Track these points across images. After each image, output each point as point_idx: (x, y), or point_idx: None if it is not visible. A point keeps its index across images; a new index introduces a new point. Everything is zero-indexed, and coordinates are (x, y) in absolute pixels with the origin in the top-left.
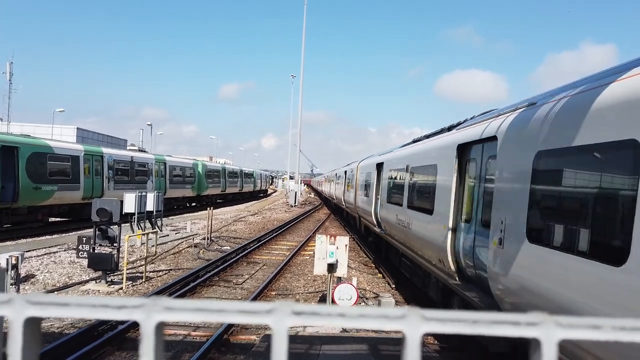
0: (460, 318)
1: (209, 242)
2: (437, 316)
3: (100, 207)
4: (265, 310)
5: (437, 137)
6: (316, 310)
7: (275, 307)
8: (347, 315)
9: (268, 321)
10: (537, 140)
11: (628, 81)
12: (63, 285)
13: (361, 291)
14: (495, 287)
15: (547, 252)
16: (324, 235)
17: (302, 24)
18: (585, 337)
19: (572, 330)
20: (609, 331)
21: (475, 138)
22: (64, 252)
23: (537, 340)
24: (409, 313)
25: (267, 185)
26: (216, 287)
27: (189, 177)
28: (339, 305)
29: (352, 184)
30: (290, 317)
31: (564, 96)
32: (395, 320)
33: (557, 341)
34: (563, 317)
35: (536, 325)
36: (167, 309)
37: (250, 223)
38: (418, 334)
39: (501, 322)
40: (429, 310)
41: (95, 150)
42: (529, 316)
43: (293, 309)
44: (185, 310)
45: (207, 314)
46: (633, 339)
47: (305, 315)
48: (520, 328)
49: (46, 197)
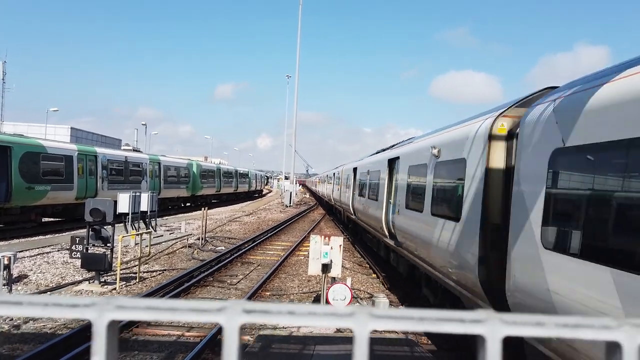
0: (407, 316)
1: (204, 242)
2: (386, 314)
3: (93, 207)
4: (216, 309)
5: (382, 153)
6: (267, 308)
7: (226, 306)
8: (297, 313)
9: (219, 319)
10: (412, 160)
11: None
12: (56, 285)
13: (355, 291)
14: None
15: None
16: (318, 236)
17: (298, 24)
18: (529, 334)
19: (516, 327)
20: (552, 328)
21: (393, 157)
22: (57, 252)
23: (482, 337)
24: (357, 311)
25: (262, 185)
26: (210, 288)
27: (183, 177)
28: (333, 305)
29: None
30: (241, 316)
31: (426, 136)
32: (344, 318)
33: (502, 338)
34: (508, 315)
35: (481, 323)
36: (119, 308)
37: (245, 223)
38: (366, 331)
39: (447, 320)
40: (377, 309)
41: (89, 150)
42: (475, 314)
43: (244, 307)
44: (137, 309)
45: (158, 313)
46: (575, 335)
47: (256, 314)
48: (465, 325)
49: (39, 197)
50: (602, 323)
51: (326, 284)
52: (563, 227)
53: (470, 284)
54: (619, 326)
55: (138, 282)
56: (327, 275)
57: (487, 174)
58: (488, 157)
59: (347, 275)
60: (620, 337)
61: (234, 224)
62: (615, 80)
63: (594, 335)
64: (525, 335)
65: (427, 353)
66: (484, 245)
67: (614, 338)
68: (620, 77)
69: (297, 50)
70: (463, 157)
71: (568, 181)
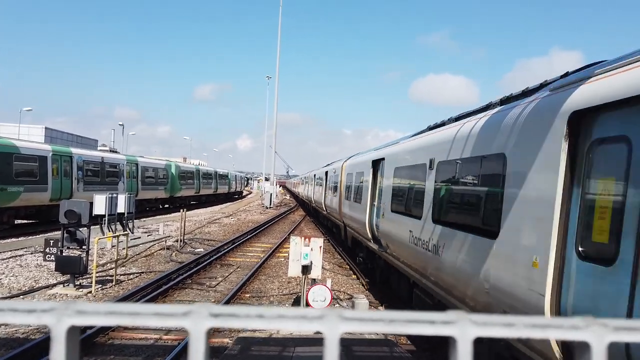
0: (378, 317)
1: (182, 244)
2: (356, 316)
3: (68, 209)
4: (181, 313)
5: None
6: (235, 312)
7: (192, 310)
8: (266, 317)
9: (184, 324)
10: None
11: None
12: (29, 289)
13: (335, 293)
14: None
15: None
16: (298, 237)
17: (278, 25)
18: (499, 334)
19: (486, 328)
20: (522, 328)
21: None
22: (30, 255)
23: (453, 339)
24: (327, 313)
25: (242, 186)
26: (189, 290)
27: (161, 179)
28: (313, 307)
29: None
30: (208, 320)
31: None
32: (313, 321)
33: (472, 339)
34: (478, 316)
35: (451, 324)
36: (78, 313)
37: (225, 225)
38: (336, 334)
39: (417, 321)
40: (347, 310)
41: (64, 150)
42: (445, 315)
43: (210, 311)
44: (98, 313)
45: (120, 318)
46: (545, 335)
47: (223, 317)
48: (436, 326)
49: (12, 198)
50: (571, 323)
51: (306, 286)
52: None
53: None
54: (587, 326)
55: (114, 285)
56: (307, 276)
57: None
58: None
59: (328, 277)
60: (589, 337)
61: (213, 226)
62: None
63: (563, 335)
64: (495, 336)
65: (406, 353)
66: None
67: (582, 338)
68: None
69: (277, 51)
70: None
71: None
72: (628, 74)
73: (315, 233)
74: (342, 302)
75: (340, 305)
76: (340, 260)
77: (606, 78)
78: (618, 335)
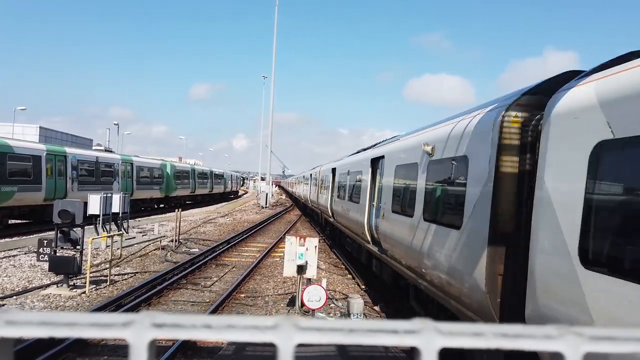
0: (336, 327)
1: (177, 244)
2: (313, 325)
3: (62, 209)
4: (121, 323)
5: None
6: (179, 321)
7: (133, 320)
8: (214, 327)
9: (125, 335)
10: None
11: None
12: (22, 289)
13: (331, 292)
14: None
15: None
16: (293, 237)
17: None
18: (467, 345)
19: (453, 338)
20: (491, 338)
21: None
22: (24, 255)
23: (417, 350)
24: (281, 323)
25: (237, 186)
26: (184, 290)
27: (157, 178)
28: (309, 306)
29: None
30: (150, 330)
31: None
32: (266, 331)
33: (438, 349)
34: (444, 324)
35: (415, 333)
36: (8, 323)
37: (220, 225)
38: (291, 345)
39: (379, 331)
40: (303, 319)
41: (59, 150)
42: (409, 323)
43: (153, 320)
44: (30, 324)
45: (54, 329)
46: (515, 345)
47: (167, 328)
48: (399, 336)
49: (5, 198)
50: (544, 332)
51: (301, 286)
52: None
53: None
54: (561, 335)
55: (109, 285)
56: (302, 276)
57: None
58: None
59: (323, 277)
60: (563, 347)
61: (208, 226)
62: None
63: (536, 346)
64: (463, 346)
65: (401, 353)
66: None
67: (556, 348)
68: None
69: (273, 51)
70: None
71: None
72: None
73: (311, 233)
74: (338, 302)
75: (335, 305)
76: (336, 260)
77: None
78: (594, 345)
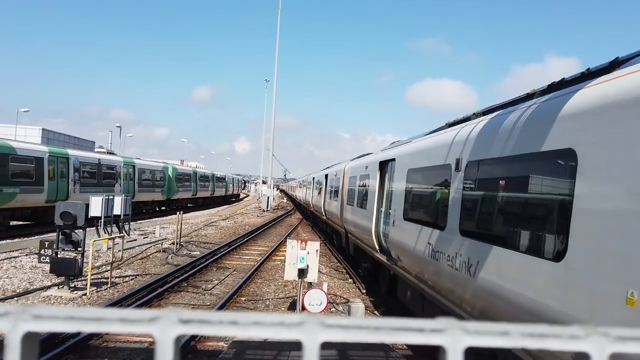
0: (362, 325)
1: (178, 247)
2: (338, 323)
3: (64, 211)
4: (147, 319)
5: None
6: (206, 318)
7: (159, 315)
8: (240, 323)
9: (151, 330)
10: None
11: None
12: (23, 291)
13: (331, 297)
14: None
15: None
16: (294, 241)
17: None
18: (492, 344)
19: (479, 337)
20: (517, 338)
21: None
22: (25, 256)
23: (443, 349)
24: (307, 320)
25: (239, 189)
26: (184, 293)
27: (158, 181)
28: (309, 310)
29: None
30: (177, 326)
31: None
32: (292, 328)
33: (464, 348)
34: (470, 323)
35: (441, 332)
36: (35, 317)
37: (222, 228)
38: (316, 342)
39: (405, 329)
40: (329, 317)
41: (61, 151)
42: (435, 322)
43: (180, 316)
44: (57, 318)
45: (81, 323)
46: (541, 345)
47: (194, 324)
48: (425, 335)
49: (7, 199)
50: (570, 332)
51: (302, 289)
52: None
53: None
54: (587, 335)
55: (109, 288)
56: (303, 280)
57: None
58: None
59: (324, 281)
60: (589, 348)
61: (210, 229)
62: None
63: (562, 346)
64: (489, 345)
65: (402, 358)
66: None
67: (582, 348)
68: None
69: (275, 55)
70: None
71: None
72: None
73: (312, 237)
74: (339, 307)
75: (336, 309)
76: (337, 264)
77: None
78: (621, 346)
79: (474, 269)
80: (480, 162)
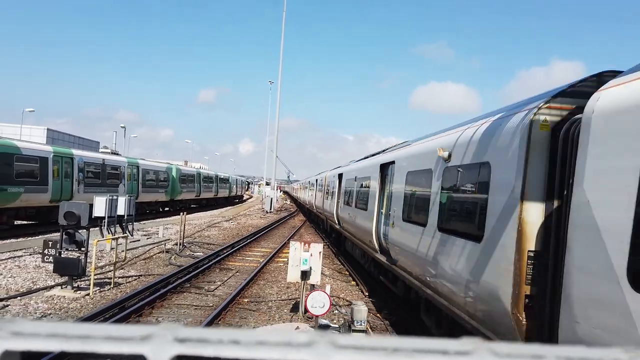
0: (379, 345)
1: (182, 247)
2: (352, 343)
3: (68, 210)
4: (139, 337)
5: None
6: (205, 336)
7: (153, 333)
8: (243, 343)
9: (144, 350)
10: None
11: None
12: (27, 290)
13: (334, 299)
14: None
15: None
16: (298, 242)
17: (281, 30)
18: None
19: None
20: None
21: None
22: (29, 256)
23: None
24: (317, 340)
25: (242, 190)
26: (187, 294)
27: (162, 181)
28: (312, 312)
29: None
30: (172, 345)
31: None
32: (301, 349)
33: None
34: (498, 344)
35: (468, 355)
36: (14, 335)
37: (225, 229)
38: None
39: (427, 351)
40: (341, 336)
41: (65, 151)
42: (461, 343)
43: (176, 334)
44: (39, 336)
45: (65, 342)
46: None
47: (191, 343)
48: (449, 357)
49: (12, 199)
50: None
51: (305, 291)
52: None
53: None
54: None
55: (113, 288)
56: (306, 282)
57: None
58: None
59: (327, 283)
60: None
61: (213, 230)
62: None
63: None
64: None
65: None
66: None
67: None
68: None
69: (280, 57)
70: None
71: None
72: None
73: (315, 239)
74: (341, 309)
75: (339, 311)
76: (339, 266)
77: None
78: None
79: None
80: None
